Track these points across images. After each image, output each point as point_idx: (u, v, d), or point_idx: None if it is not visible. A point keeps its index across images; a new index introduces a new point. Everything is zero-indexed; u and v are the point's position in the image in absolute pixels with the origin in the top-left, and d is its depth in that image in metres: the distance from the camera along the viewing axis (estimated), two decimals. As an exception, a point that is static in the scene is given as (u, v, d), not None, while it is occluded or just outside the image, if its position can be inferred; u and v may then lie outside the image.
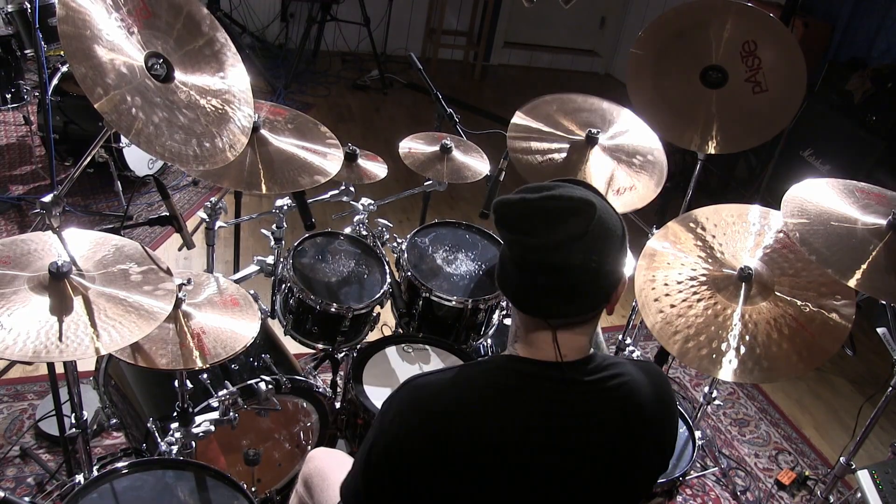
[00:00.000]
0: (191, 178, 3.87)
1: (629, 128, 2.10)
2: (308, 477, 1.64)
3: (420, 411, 1.12)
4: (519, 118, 2.07)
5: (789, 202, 1.66)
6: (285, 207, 2.16)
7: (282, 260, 2.16)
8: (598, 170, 1.99)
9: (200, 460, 1.66)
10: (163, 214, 1.77)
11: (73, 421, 1.65)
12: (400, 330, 2.28)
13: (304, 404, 2.01)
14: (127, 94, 1.29)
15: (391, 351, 2.12)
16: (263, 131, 1.90)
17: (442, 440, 1.09)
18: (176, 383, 1.62)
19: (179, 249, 2.00)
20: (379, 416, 1.17)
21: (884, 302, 1.65)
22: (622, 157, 2.04)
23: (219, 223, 2.09)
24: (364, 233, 2.31)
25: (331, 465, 1.63)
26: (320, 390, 2.00)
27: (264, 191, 1.81)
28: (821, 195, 1.70)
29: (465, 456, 1.09)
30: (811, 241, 1.57)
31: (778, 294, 1.67)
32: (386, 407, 1.16)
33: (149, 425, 1.78)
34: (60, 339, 1.19)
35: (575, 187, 1.12)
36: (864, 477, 1.96)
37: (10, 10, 3.46)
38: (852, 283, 1.51)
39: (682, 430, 2.14)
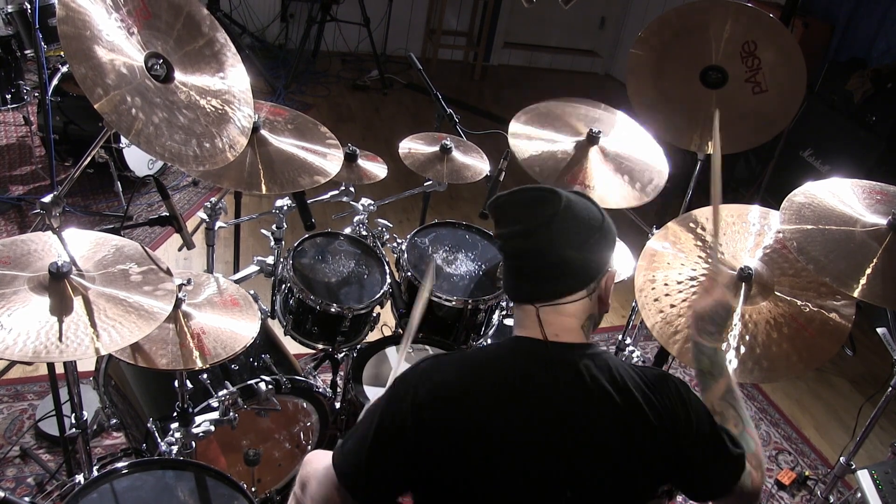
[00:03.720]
0: (191, 178, 3.87)
1: (630, 139, 2.10)
2: (305, 480, 1.64)
3: (430, 393, 1.15)
4: (518, 122, 2.06)
5: (787, 209, 1.65)
6: (285, 208, 2.16)
7: (282, 260, 2.16)
8: (597, 166, 2.00)
9: (200, 460, 1.66)
10: (163, 215, 1.77)
11: (73, 421, 1.65)
12: (400, 330, 2.28)
13: (304, 404, 2.01)
14: (127, 94, 1.29)
15: (391, 351, 2.12)
16: (263, 131, 1.90)
17: (448, 421, 1.13)
18: (176, 383, 1.63)
19: (179, 250, 2.00)
20: (390, 391, 1.20)
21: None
22: (614, 161, 2.04)
23: (219, 223, 2.09)
24: (364, 233, 2.31)
25: None
26: (320, 390, 2.00)
27: (264, 191, 1.81)
28: (820, 198, 1.69)
29: (469, 438, 1.13)
30: (808, 248, 1.57)
31: (778, 294, 1.66)
32: (398, 384, 1.20)
33: (149, 425, 1.78)
34: (60, 339, 1.19)
35: (545, 186, 1.22)
36: (864, 477, 1.96)
37: (10, 10, 3.46)
38: (852, 292, 1.51)
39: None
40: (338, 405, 2.10)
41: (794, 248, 1.58)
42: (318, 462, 1.56)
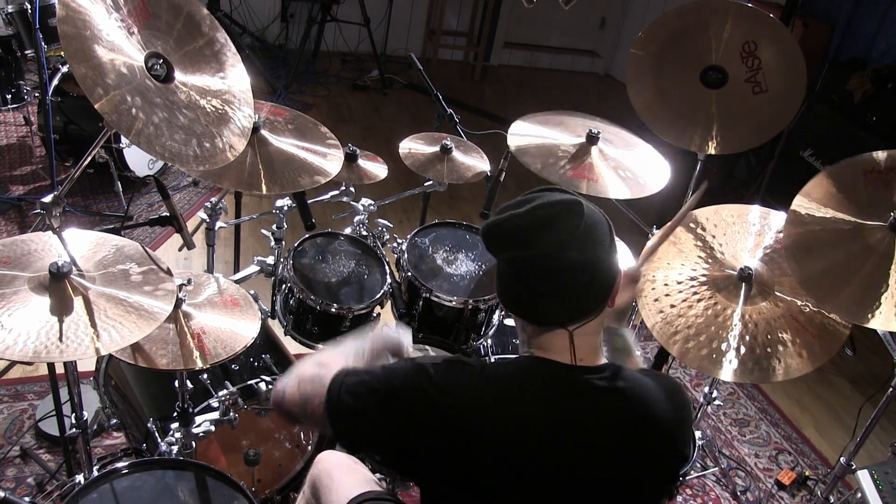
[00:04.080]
0: (191, 178, 3.87)
1: (630, 147, 2.10)
2: (316, 479, 1.64)
3: (447, 394, 1.11)
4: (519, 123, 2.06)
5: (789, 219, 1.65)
6: (285, 208, 2.16)
7: (282, 260, 2.16)
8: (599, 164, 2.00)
9: (200, 460, 1.66)
10: (163, 215, 1.77)
11: (73, 421, 1.65)
12: (400, 330, 2.28)
13: (305, 404, 2.01)
14: (127, 94, 1.29)
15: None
16: (264, 132, 1.90)
17: (460, 427, 1.10)
18: (176, 383, 1.63)
19: (179, 250, 2.00)
20: (414, 369, 1.15)
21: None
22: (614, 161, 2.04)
23: (219, 223, 2.09)
24: (364, 233, 2.31)
25: (339, 469, 1.63)
26: (320, 390, 2.00)
27: (264, 191, 1.81)
28: (820, 197, 1.69)
29: (477, 448, 1.10)
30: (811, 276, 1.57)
31: (778, 294, 1.67)
32: (422, 367, 1.14)
33: (149, 425, 1.78)
34: (60, 339, 1.19)
35: (553, 192, 1.14)
36: (864, 477, 1.96)
37: (10, 10, 3.46)
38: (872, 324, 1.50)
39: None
40: (338, 405, 2.09)
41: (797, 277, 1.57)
42: (330, 465, 1.54)
